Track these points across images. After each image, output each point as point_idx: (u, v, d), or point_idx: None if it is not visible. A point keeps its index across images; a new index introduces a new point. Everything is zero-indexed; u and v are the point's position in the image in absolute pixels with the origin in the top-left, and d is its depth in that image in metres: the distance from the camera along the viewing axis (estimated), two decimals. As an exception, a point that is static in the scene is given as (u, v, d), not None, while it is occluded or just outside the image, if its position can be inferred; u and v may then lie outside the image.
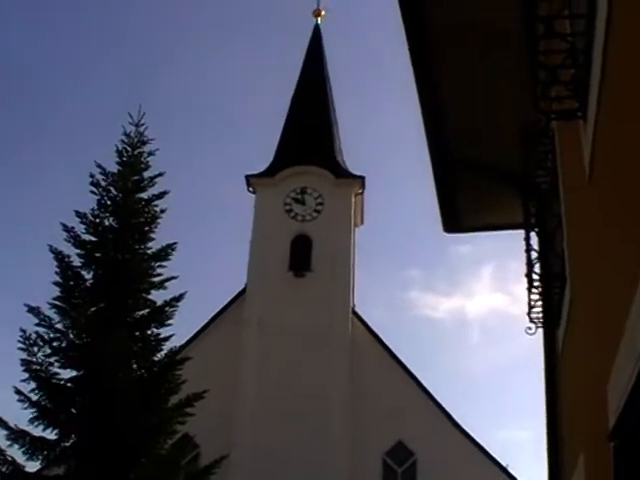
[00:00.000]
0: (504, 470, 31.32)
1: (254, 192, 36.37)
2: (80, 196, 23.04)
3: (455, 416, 32.55)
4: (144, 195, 22.88)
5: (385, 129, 66.22)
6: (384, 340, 34.04)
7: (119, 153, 23.08)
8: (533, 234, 11.22)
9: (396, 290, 60.06)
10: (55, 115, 66.93)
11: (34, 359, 20.49)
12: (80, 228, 22.01)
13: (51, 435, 20.28)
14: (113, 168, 22.84)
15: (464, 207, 12.54)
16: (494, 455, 31.75)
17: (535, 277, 10.80)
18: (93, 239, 22.08)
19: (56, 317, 20.92)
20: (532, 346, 11.46)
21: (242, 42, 68.91)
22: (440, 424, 32.03)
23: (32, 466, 20.27)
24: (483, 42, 8.97)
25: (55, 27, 66.43)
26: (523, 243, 11.30)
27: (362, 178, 36.71)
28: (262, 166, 36.94)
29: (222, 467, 22.32)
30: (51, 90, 66.28)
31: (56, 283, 21.39)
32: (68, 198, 47.56)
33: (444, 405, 32.82)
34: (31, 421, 20.14)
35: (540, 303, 10.68)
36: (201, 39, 69.60)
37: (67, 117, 65.17)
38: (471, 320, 63.16)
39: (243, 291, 34.69)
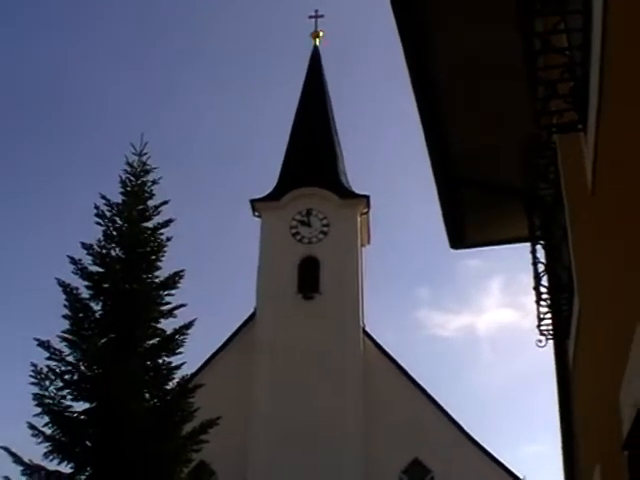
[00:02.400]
0: (522, 484, 31.19)
1: (259, 216, 36.43)
2: (86, 227, 23.09)
3: (470, 431, 32.49)
4: (149, 224, 22.92)
5: (388, 148, 66.51)
6: (396, 359, 33.98)
7: (123, 183, 23.13)
8: (539, 247, 11.24)
9: (405, 309, 60.19)
10: (56, 147, 67.02)
11: (46, 393, 20.49)
12: (87, 260, 22.06)
13: (66, 468, 20.26)
14: (117, 198, 22.92)
15: (469, 223, 12.56)
16: (511, 468, 31.65)
17: (543, 289, 10.81)
18: (100, 270, 22.09)
19: (66, 350, 20.96)
20: (544, 359, 11.46)
21: (242, 67, 69.30)
22: (456, 440, 31.93)
23: (49, 501, 20.21)
24: (483, 62, 9.01)
25: (58, 52, 66.50)
26: (530, 256, 11.32)
27: (367, 197, 36.74)
28: (266, 190, 37.01)
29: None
30: (55, 124, 66.45)
31: (65, 316, 21.39)
32: (74, 230, 47.49)
33: (459, 421, 32.75)
34: (46, 455, 20.11)
35: (549, 315, 10.69)
36: (201, 65, 69.94)
37: (68, 149, 65.24)
38: (481, 336, 63.09)
39: (253, 315, 34.68)
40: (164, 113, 68.14)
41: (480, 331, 63.41)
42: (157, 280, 22.37)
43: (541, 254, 11.17)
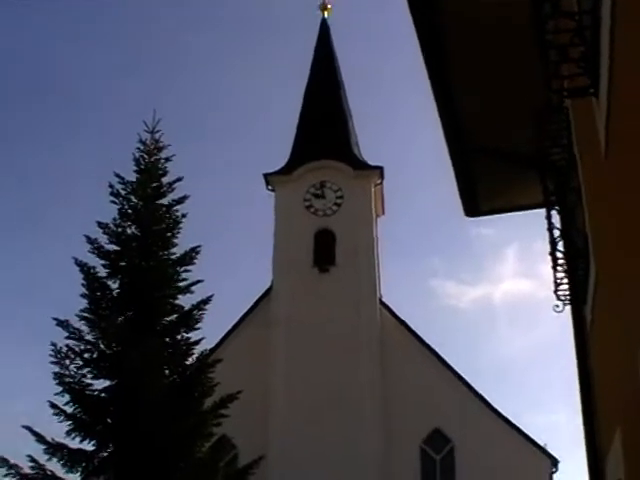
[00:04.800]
0: (543, 450, 31.22)
1: (273, 190, 36.38)
2: (101, 207, 23.14)
3: (490, 400, 32.51)
4: (164, 201, 22.98)
5: (400, 118, 66.26)
6: (414, 329, 34.00)
7: (136, 161, 23.17)
8: (554, 212, 11.21)
9: (421, 279, 60.17)
10: (68, 127, 67.09)
11: (66, 372, 20.64)
12: (103, 239, 22.15)
13: (89, 446, 20.44)
14: (132, 177, 22.97)
15: (484, 190, 12.54)
16: (532, 436, 31.69)
17: (559, 255, 10.79)
18: (117, 248, 22.17)
19: (85, 329, 21.09)
20: (562, 325, 11.45)
21: (251, 41, 69.09)
22: (475, 409, 31.95)
23: (72, 478, 20.38)
24: (494, 27, 8.97)
25: (71, 37, 66.47)
26: (545, 222, 11.30)
27: (380, 168, 36.63)
28: (279, 164, 36.98)
29: (260, 466, 22.41)
30: (69, 103, 66.51)
31: (83, 295, 21.52)
32: (89, 209, 47.71)
33: (479, 390, 32.75)
34: (68, 433, 20.27)
35: (566, 281, 10.68)
36: (212, 40, 69.73)
37: (81, 129, 65.31)
38: (498, 304, 62.89)
39: (269, 290, 34.73)
40: (175, 89, 68.08)
41: (497, 299, 63.25)
42: (173, 257, 22.45)
43: (556, 219, 11.15)
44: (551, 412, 61.60)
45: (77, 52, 67.06)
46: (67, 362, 20.67)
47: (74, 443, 20.31)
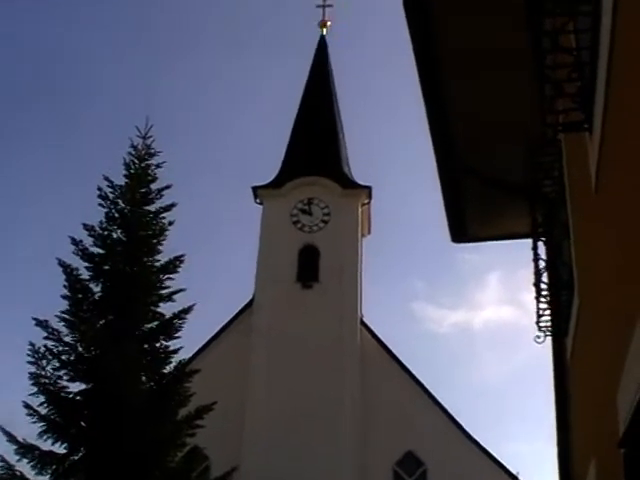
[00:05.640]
0: (515, 479, 31.22)
1: (261, 203, 36.38)
2: (88, 208, 23.13)
3: (465, 426, 32.52)
4: (152, 207, 22.96)
5: (392, 139, 66.30)
6: (393, 350, 34.01)
7: (127, 166, 23.16)
8: (540, 243, 11.28)
9: (403, 301, 60.04)
10: (62, 126, 67.04)
11: (43, 372, 20.54)
12: (88, 241, 22.10)
13: (60, 449, 20.31)
14: (121, 181, 22.95)
15: (472, 217, 12.59)
16: (504, 463, 31.69)
17: (543, 286, 10.85)
18: (101, 252, 22.12)
19: (65, 330, 21.00)
20: (541, 356, 11.51)
21: (247, 53, 69.14)
22: (450, 434, 31.95)
23: (41, 481, 20.27)
24: (492, 59, 9.04)
25: (69, 26, 66.44)
26: (531, 252, 11.36)
27: (369, 188, 36.69)
28: (269, 177, 37.00)
29: (233, 479, 22.37)
30: (60, 102, 66.47)
31: (64, 296, 21.45)
32: (76, 211, 47.53)
33: (454, 415, 32.77)
34: (40, 435, 20.14)
35: (548, 312, 10.74)
36: (207, 51, 69.85)
37: (74, 128, 65.24)
38: (478, 330, 62.87)
39: (251, 302, 34.69)
40: (168, 98, 68.04)
41: (478, 325, 63.33)
42: (157, 264, 22.43)
43: (542, 250, 11.21)
44: (525, 441, 61.56)
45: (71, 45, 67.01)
46: (44, 363, 20.60)
47: (46, 445, 20.23)
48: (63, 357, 20.79)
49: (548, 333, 10.76)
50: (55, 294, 21.57)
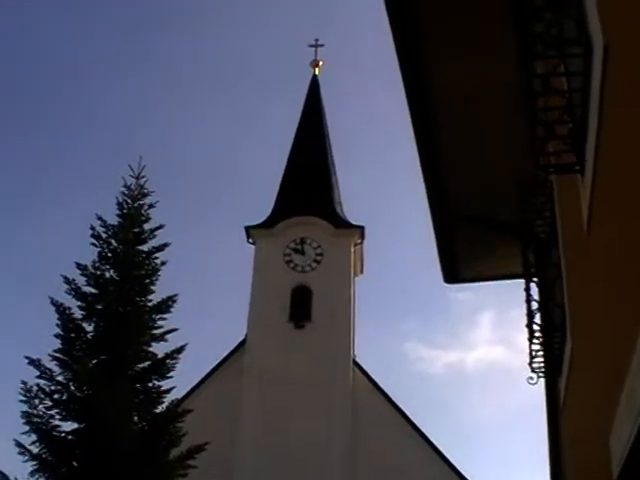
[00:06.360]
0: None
1: (254, 243, 36.41)
2: (81, 248, 23.12)
3: (460, 468, 32.35)
4: (145, 247, 22.89)
5: (385, 179, 66.48)
6: (386, 391, 33.90)
7: (119, 205, 23.13)
8: (533, 284, 11.28)
9: (395, 342, 59.94)
10: (55, 166, 67.14)
11: (35, 411, 20.41)
12: (81, 280, 22.04)
13: (52, 488, 20.19)
14: (114, 220, 22.93)
15: (464, 258, 12.62)
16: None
17: (536, 327, 10.84)
18: (94, 291, 22.06)
19: (57, 369, 20.87)
20: (534, 398, 11.50)
21: (240, 93, 69.50)
22: (443, 475, 31.79)
23: (32, 519, 20.10)
24: (483, 99, 9.10)
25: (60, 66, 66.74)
26: (523, 293, 11.35)
27: (361, 228, 36.78)
28: (261, 217, 37.04)
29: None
30: (52, 141, 66.61)
31: (57, 335, 21.35)
32: (68, 250, 47.47)
33: (447, 456, 32.61)
34: (32, 474, 19.97)
35: (541, 353, 10.72)
36: (198, 90, 70.12)
37: (67, 168, 65.35)
38: (471, 371, 62.86)
39: (243, 342, 34.62)
40: (161, 137, 68.20)
41: (470, 365, 63.23)
42: (150, 304, 22.34)
43: (534, 291, 11.21)
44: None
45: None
46: (36, 402, 20.50)
47: (38, 485, 20.09)
48: (55, 396, 20.67)
49: (541, 375, 10.74)
50: (48, 333, 21.53)
